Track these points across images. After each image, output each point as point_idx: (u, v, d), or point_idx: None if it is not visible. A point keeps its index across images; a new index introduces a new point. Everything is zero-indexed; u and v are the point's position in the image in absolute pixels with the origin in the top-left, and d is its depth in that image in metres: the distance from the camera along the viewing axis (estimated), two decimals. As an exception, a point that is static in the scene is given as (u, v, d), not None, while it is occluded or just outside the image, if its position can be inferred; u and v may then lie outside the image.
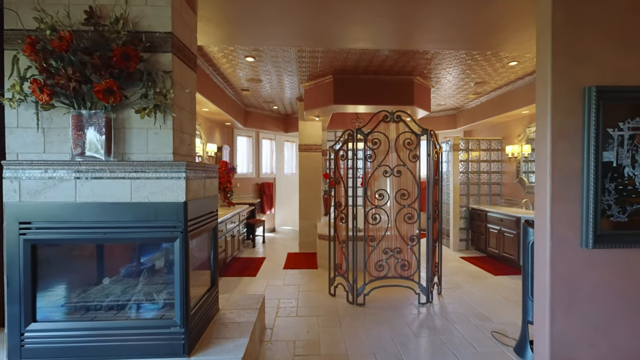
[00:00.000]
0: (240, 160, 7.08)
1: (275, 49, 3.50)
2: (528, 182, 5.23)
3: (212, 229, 2.47)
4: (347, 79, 4.45)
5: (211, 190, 2.37)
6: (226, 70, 4.28)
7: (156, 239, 1.94)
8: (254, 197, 7.24)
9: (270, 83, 4.82)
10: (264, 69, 4.17)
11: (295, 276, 4.35)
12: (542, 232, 2.08)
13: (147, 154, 1.97)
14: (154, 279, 2.14)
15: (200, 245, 2.41)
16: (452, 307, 3.33)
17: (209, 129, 5.62)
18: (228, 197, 5.51)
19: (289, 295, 3.66)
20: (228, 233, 4.47)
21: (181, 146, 2.12)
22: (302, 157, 5.81)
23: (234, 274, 4.41)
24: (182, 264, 1.88)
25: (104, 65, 1.80)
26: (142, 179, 1.86)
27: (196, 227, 2.04)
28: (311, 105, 4.83)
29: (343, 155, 3.52)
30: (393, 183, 3.43)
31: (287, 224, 7.95)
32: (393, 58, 3.82)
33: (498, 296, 3.64)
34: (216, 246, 2.52)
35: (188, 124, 2.26)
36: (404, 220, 3.40)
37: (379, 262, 3.42)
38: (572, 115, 2.02)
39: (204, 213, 2.21)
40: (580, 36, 2.01)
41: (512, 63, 3.96)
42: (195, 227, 2.03)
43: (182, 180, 1.87)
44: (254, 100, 6.00)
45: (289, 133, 7.64)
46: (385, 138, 3.39)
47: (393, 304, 3.40)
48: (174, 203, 1.87)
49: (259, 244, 6.33)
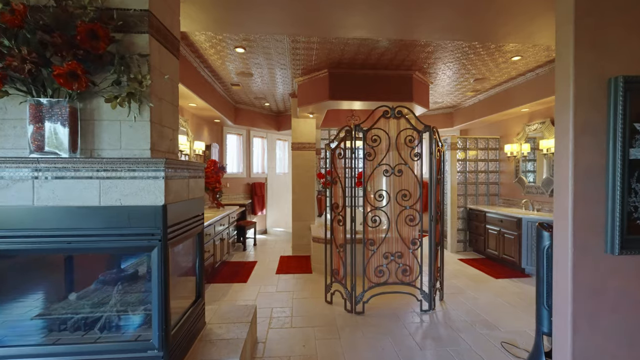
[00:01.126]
0: (230, 159, 6.79)
1: (268, 38, 3.25)
2: (527, 182, 5.10)
3: (197, 234, 2.22)
4: (344, 73, 4.23)
5: (196, 191, 2.12)
6: (214, 63, 4.01)
7: (130, 249, 1.68)
8: (244, 198, 6.96)
9: (261, 77, 4.57)
10: (255, 61, 3.92)
11: (289, 282, 4.11)
12: (563, 237, 1.90)
13: (120, 150, 1.71)
14: (129, 292, 1.87)
15: (184, 252, 2.15)
16: (456, 314, 3.14)
17: (196, 126, 5.32)
18: (217, 198, 5.23)
19: (283, 303, 3.42)
20: (217, 236, 4.19)
21: (161, 141, 1.86)
22: (295, 155, 5.57)
23: (223, 280, 4.15)
24: (161, 277, 1.62)
25: (66, 45, 1.54)
26: (113, 178, 1.60)
27: (178, 233, 1.78)
28: (305, 101, 4.60)
29: (340, 153, 3.30)
30: (393, 183, 3.23)
31: (279, 225, 7.69)
32: (392, 51, 3.62)
33: (502, 301, 3.48)
34: (202, 253, 2.26)
35: (169, 117, 2.00)
36: (405, 222, 3.20)
37: (378, 267, 3.21)
38: (596, 108, 1.84)
39: (187, 217, 1.95)
40: (605, 23, 1.83)
41: (515, 58, 3.81)
42: (177, 233, 1.77)
43: (161, 180, 1.62)
44: (244, 96, 5.73)
45: (281, 131, 7.38)
46: (386, 135, 3.18)
47: (394, 312, 3.19)
48: (151, 207, 1.61)
49: (250, 247, 6.06)
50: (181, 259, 2.15)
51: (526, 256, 4.36)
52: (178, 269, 2.09)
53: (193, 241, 2.22)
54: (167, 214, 1.63)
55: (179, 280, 2.10)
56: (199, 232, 2.23)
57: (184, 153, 4.39)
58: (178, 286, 2.10)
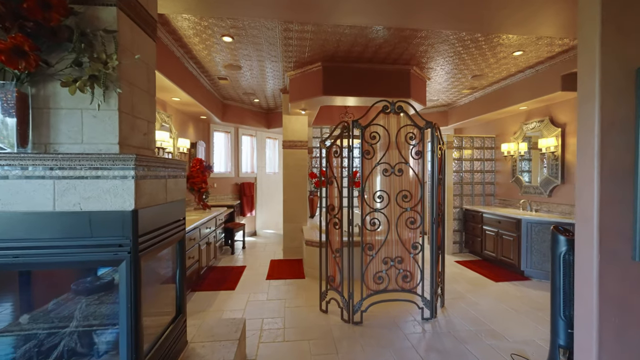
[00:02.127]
0: (217, 158, 6.48)
1: (258, 26, 3.00)
2: (525, 181, 4.99)
3: (178, 242, 1.95)
4: (338, 67, 4.00)
5: (176, 193, 1.85)
6: (200, 54, 3.72)
7: (92, 263, 1.40)
8: (232, 199, 6.66)
9: (251, 71, 4.30)
10: (244, 52, 3.64)
11: (280, 288, 3.86)
12: (587, 243, 1.72)
13: (82, 145, 1.43)
14: (93, 313, 1.59)
15: (161, 263, 1.88)
16: (459, 323, 2.96)
17: (181, 122, 5.00)
18: (203, 199, 4.93)
19: (274, 312, 3.16)
20: (202, 240, 3.91)
21: (132, 135, 1.59)
22: (287, 154, 5.32)
23: (209, 287, 3.86)
24: (130, 296, 1.36)
25: (10, 14, 1.25)
26: (71, 178, 1.32)
27: (153, 243, 1.52)
28: (297, 96, 4.35)
29: (337, 151, 3.07)
30: (393, 183, 3.02)
31: (269, 227, 7.42)
32: (391, 43, 3.41)
33: (506, 307, 3.31)
34: (183, 263, 2.00)
35: (144, 107, 1.73)
36: (406, 225, 2.99)
37: (378, 273, 2.99)
38: (624, 101, 1.67)
39: (165, 223, 1.68)
40: (635, 6, 1.66)
41: (517, 53, 3.66)
42: (152, 243, 1.50)
43: (130, 181, 1.35)
44: (232, 91, 5.43)
45: (271, 129, 7.10)
46: (385, 132, 2.97)
47: (394, 321, 2.98)
48: (119, 212, 1.34)
49: (239, 250, 5.77)
50: (158, 270, 1.88)
51: (526, 258, 4.23)
52: (154, 283, 1.82)
53: (173, 249, 1.95)
54: (138, 221, 1.36)
55: (156, 295, 1.83)
56: (180, 240, 1.96)
57: (166, 151, 4.08)
58: (155, 302, 1.82)
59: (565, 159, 4.31)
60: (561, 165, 4.33)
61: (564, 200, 4.33)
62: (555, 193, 4.48)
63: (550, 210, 4.53)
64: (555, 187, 4.45)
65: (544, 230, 4.07)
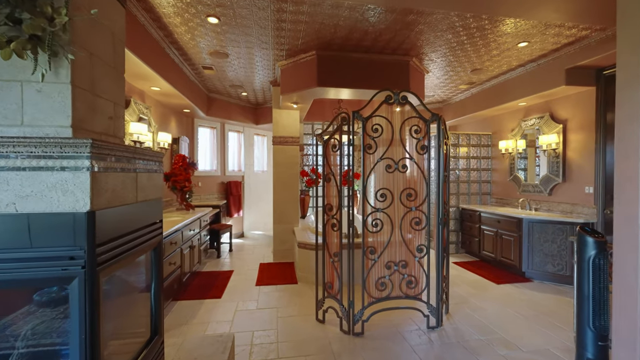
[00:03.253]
0: (202, 155, 6.10)
1: (247, 4, 2.68)
2: (524, 180, 4.85)
3: (153, 248, 1.63)
4: (334, 56, 3.73)
5: (151, 190, 1.53)
6: (182, 38, 3.37)
7: (33, 282, 1.08)
8: (218, 199, 6.29)
9: (238, 59, 3.97)
10: (232, 36, 3.32)
11: (272, 295, 3.55)
12: (631, 245, 1.51)
13: (23, 127, 1.11)
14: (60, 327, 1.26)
15: (133, 274, 1.56)
16: (467, 331, 2.74)
17: (162, 115, 4.62)
18: (187, 198, 4.56)
19: (266, 324, 2.86)
20: (185, 244, 3.56)
21: (92, 117, 1.26)
22: (277, 151, 5.01)
23: (193, 295, 3.51)
24: (85, 322, 1.04)
25: None
26: (2, 170, 1.00)
27: (117, 253, 1.20)
28: (289, 88, 4.05)
29: (335, 145, 2.80)
30: (397, 180, 2.77)
31: (258, 228, 7.07)
32: (392, 29, 3.17)
33: (512, 312, 3.12)
34: (160, 274, 1.68)
35: (109, 85, 1.40)
36: (411, 226, 2.75)
37: (380, 279, 2.74)
38: (673, 84, 1.47)
39: (136, 227, 1.37)
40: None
41: (522, 44, 3.48)
42: (116, 253, 1.19)
43: (85, 173, 1.04)
44: (218, 83, 5.08)
45: (260, 125, 6.76)
46: (388, 124, 2.72)
47: (397, 330, 2.74)
48: (69, 215, 1.03)
49: (225, 254, 5.41)
50: (128, 284, 1.55)
51: (527, 259, 4.08)
52: (122, 300, 1.50)
53: (148, 258, 1.63)
54: (95, 226, 1.05)
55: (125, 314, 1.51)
56: (156, 247, 1.64)
57: (144, 146, 3.70)
58: (123, 323, 1.50)
59: (567, 156, 4.18)
60: (562, 162, 4.20)
61: (565, 198, 4.21)
62: (555, 191, 4.35)
63: (550, 209, 4.40)
64: (555, 185, 4.32)
65: (547, 230, 3.93)
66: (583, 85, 3.77)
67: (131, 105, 3.48)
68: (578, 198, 4.03)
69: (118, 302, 1.48)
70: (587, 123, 3.91)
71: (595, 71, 3.73)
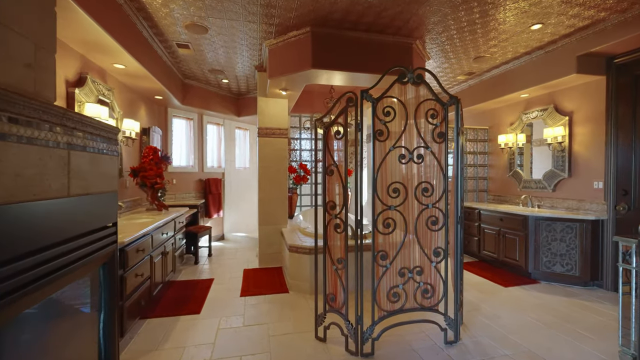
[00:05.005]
0: (177, 148, 5.48)
1: (234, -42, 2.19)
2: (525, 175, 4.63)
3: (103, 263, 1.13)
4: (331, 35, 3.30)
5: (95, 179, 1.03)
6: (152, 4, 2.81)
7: None
8: (196, 197, 5.69)
9: (220, 35, 3.44)
10: (213, 3, 2.80)
11: (260, 308, 3.06)
12: None
13: None
14: None
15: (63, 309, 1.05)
16: (489, 345, 2.39)
17: (128, 101, 4.00)
18: (159, 197, 3.97)
19: (256, 346, 2.38)
20: (156, 250, 2.99)
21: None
22: (263, 144, 4.50)
23: (166, 311, 2.96)
24: None
25: None
26: None
27: (25, 281, 0.70)
28: (278, 70, 3.57)
29: (339, 131, 2.36)
30: (410, 173, 2.38)
31: (240, 229, 6.51)
32: (399, 2, 2.77)
33: (531, 319, 2.82)
34: (113, 299, 1.17)
35: (27, 17, 0.89)
36: (427, 226, 2.37)
37: (393, 289, 2.33)
38: None
39: (69, 236, 0.87)
40: None
41: (536, 26, 3.20)
42: (22, 281, 0.69)
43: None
44: (196, 67, 4.50)
45: (242, 117, 6.21)
46: (401, 107, 2.32)
47: (411, 347, 2.35)
48: None
49: (204, 259, 4.84)
50: (63, 313, 1.04)
51: (534, 259, 3.83)
52: (50, 341, 1.00)
53: (95, 277, 1.12)
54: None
55: None
56: (107, 260, 1.13)
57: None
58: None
59: (573, 149, 3.97)
60: (568, 156, 3.99)
61: (571, 194, 4.00)
62: (560, 187, 4.14)
63: (554, 205, 4.19)
64: (560, 181, 4.11)
65: (555, 227, 3.69)
66: (593, 74, 3.55)
67: (87, 83, 2.88)
68: (585, 194, 3.82)
69: (44, 345, 0.97)
70: (596, 115, 3.70)
71: (605, 59, 3.52)
